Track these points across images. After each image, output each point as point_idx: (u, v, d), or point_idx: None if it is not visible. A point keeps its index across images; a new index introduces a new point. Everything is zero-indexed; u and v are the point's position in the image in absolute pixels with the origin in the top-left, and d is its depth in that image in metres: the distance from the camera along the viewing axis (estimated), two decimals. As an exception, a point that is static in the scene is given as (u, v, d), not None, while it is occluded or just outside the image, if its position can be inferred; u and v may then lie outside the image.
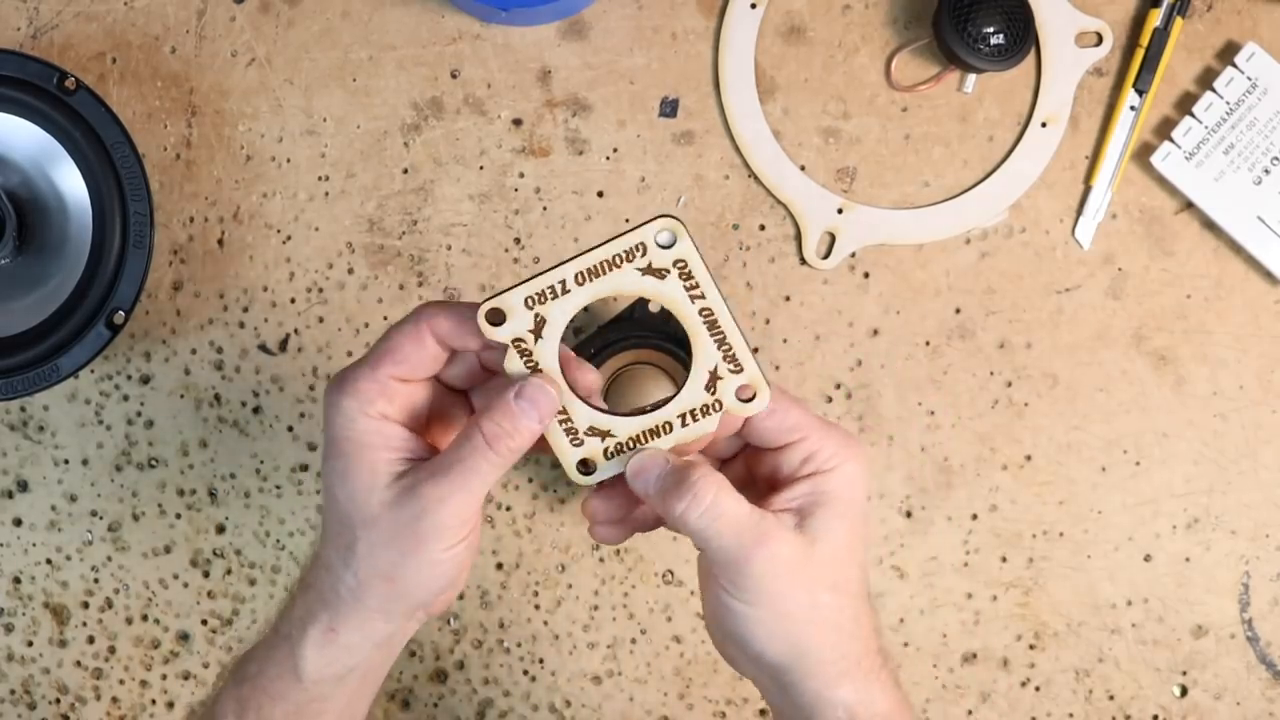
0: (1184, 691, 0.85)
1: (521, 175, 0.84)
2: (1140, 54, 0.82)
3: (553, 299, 0.53)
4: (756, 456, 0.57)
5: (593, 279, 0.53)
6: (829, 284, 0.84)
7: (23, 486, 0.86)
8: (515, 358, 0.53)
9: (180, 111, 0.84)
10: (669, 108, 0.84)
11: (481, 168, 0.84)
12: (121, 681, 0.87)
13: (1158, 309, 0.84)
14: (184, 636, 0.87)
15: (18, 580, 0.86)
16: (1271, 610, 0.85)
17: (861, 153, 0.84)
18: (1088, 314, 0.84)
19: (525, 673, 0.86)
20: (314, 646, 0.55)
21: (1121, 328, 0.84)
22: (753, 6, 0.83)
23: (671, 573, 0.85)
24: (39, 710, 0.87)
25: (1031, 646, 0.85)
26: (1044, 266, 0.84)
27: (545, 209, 0.84)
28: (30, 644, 0.87)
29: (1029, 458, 0.84)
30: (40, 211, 0.79)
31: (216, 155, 0.84)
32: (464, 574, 0.55)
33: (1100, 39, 0.83)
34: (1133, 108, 0.83)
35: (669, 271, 0.53)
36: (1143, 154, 0.83)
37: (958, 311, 0.84)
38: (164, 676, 0.87)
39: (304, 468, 0.85)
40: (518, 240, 0.84)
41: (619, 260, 0.53)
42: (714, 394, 0.54)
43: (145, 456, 0.85)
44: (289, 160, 0.84)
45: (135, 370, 0.85)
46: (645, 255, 0.53)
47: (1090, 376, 0.84)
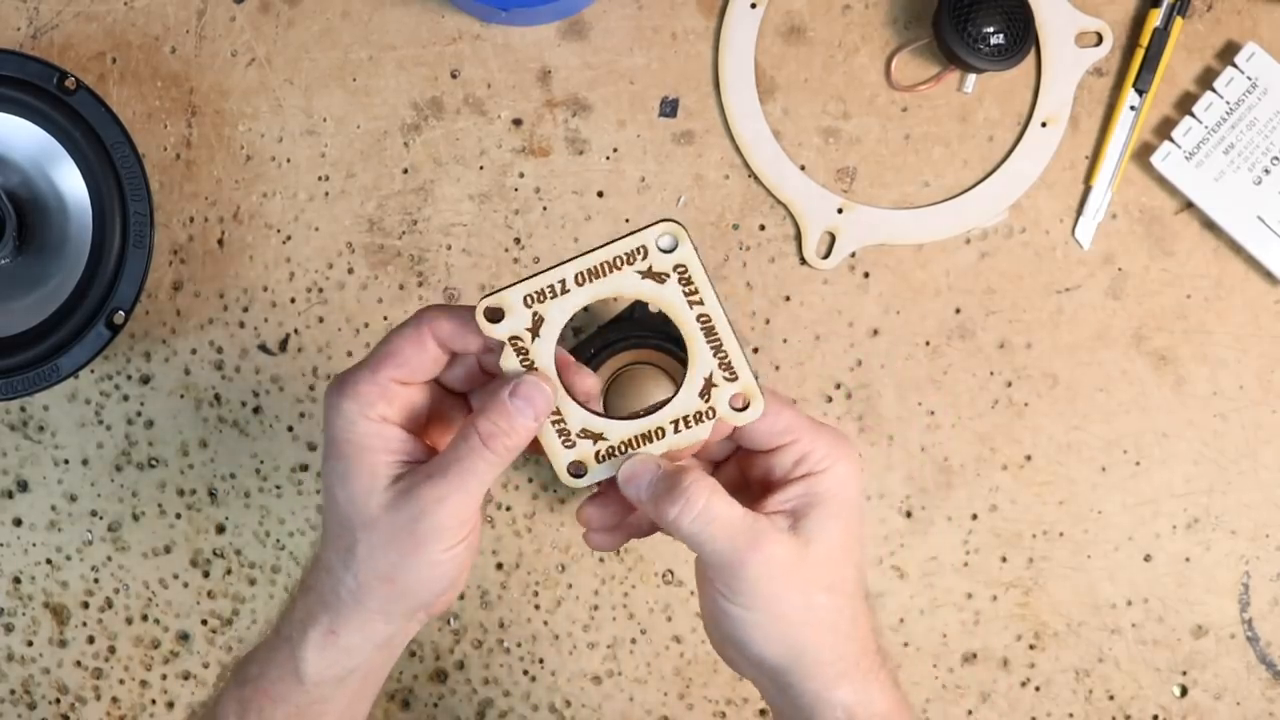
0: (1184, 691, 0.85)
1: (521, 175, 0.84)
2: (1140, 54, 0.82)
3: (551, 298, 0.53)
4: (749, 459, 0.57)
5: (592, 280, 0.53)
6: (829, 284, 0.84)
7: (23, 486, 0.86)
8: (511, 355, 0.53)
9: (180, 111, 0.84)
10: (669, 108, 0.84)
11: (481, 168, 0.84)
12: (121, 681, 0.87)
13: (1158, 309, 0.84)
14: (184, 636, 0.87)
15: (18, 580, 0.86)
16: (1271, 610, 0.85)
17: (861, 153, 0.84)
18: (1088, 314, 0.84)
19: (525, 673, 0.86)
20: (315, 648, 0.55)
21: (1121, 328, 0.84)
22: (753, 6, 0.83)
23: (671, 573, 0.85)
24: (39, 710, 0.87)
25: (1031, 646, 0.85)
26: (1044, 266, 0.84)
27: (545, 209, 0.84)
28: (30, 644, 0.87)
29: (1029, 458, 0.84)
30: (40, 211, 0.79)
31: (216, 155, 0.84)
32: (464, 574, 0.55)
33: (1100, 39, 0.83)
34: (1133, 108, 0.83)
35: (669, 276, 0.53)
36: (1143, 154, 0.83)
37: (958, 311, 0.84)
38: (164, 676, 0.87)
39: (304, 468, 0.85)
40: (518, 240, 0.84)
41: (619, 262, 0.53)
42: (708, 401, 0.54)
43: (145, 456, 0.85)
44: (289, 160, 0.84)
45: (135, 370, 0.85)
46: (646, 258, 0.53)
47: (1090, 376, 0.84)
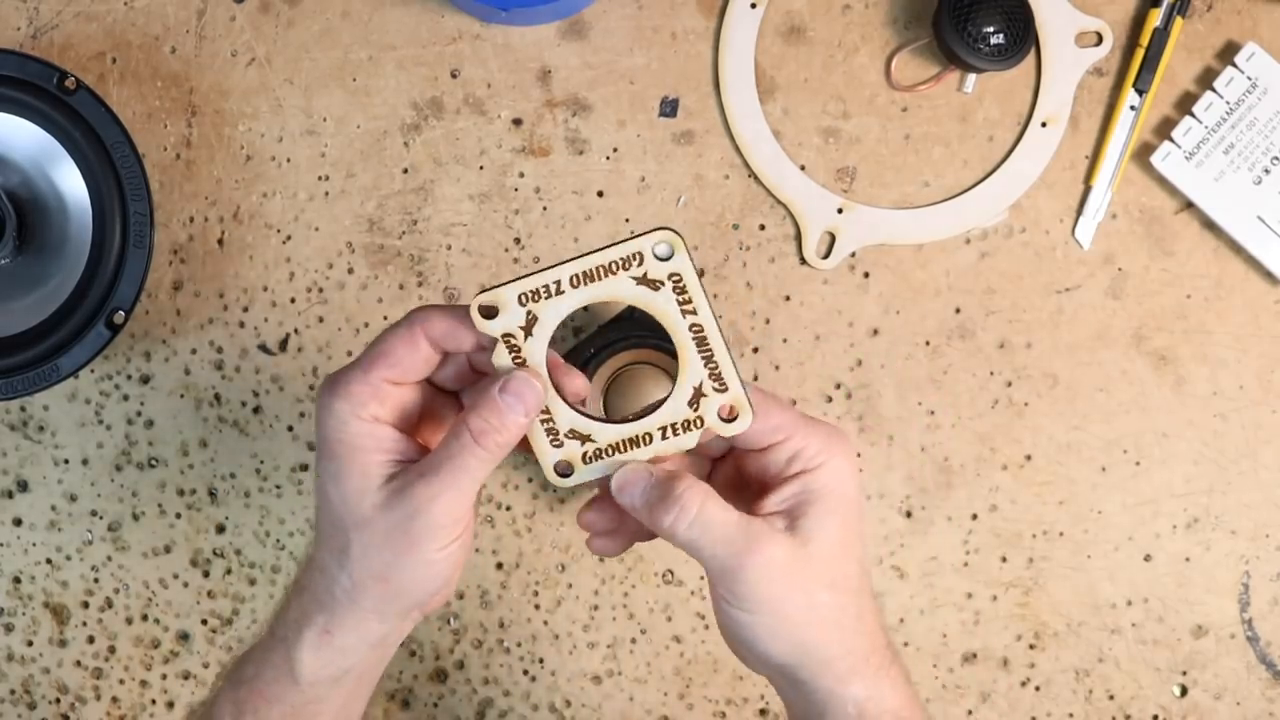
0: (1184, 691, 0.85)
1: (521, 175, 0.84)
2: (1140, 54, 0.82)
3: (546, 298, 0.53)
4: (745, 457, 0.57)
5: (587, 283, 0.53)
6: (829, 284, 0.84)
7: (23, 486, 0.86)
8: (503, 352, 0.53)
9: (180, 111, 0.84)
10: (669, 108, 0.84)
11: (481, 168, 0.84)
12: (121, 681, 0.87)
13: (1158, 309, 0.84)
14: (184, 636, 0.87)
15: (18, 580, 0.87)
16: (1271, 610, 0.85)
17: (861, 153, 0.84)
18: (1088, 314, 0.84)
19: (525, 672, 0.86)
20: (309, 649, 0.55)
21: (1121, 328, 0.84)
22: (753, 6, 0.83)
23: (671, 572, 0.85)
24: (39, 710, 0.87)
25: (1031, 646, 0.85)
26: (1044, 266, 0.84)
27: (545, 209, 0.84)
28: (30, 644, 0.87)
29: (1029, 458, 0.84)
30: (40, 211, 0.79)
31: (216, 155, 0.84)
32: (458, 573, 0.55)
33: (1100, 39, 0.83)
34: (1133, 108, 0.83)
35: (663, 284, 0.53)
36: (1143, 154, 0.82)
37: (958, 311, 0.84)
38: (164, 676, 0.87)
39: (304, 467, 0.85)
40: (518, 240, 0.84)
41: (615, 267, 0.53)
42: (696, 410, 0.54)
43: (145, 456, 0.86)
44: (289, 160, 0.84)
45: (135, 370, 0.85)
46: (641, 265, 0.53)
47: (1090, 376, 0.84)
